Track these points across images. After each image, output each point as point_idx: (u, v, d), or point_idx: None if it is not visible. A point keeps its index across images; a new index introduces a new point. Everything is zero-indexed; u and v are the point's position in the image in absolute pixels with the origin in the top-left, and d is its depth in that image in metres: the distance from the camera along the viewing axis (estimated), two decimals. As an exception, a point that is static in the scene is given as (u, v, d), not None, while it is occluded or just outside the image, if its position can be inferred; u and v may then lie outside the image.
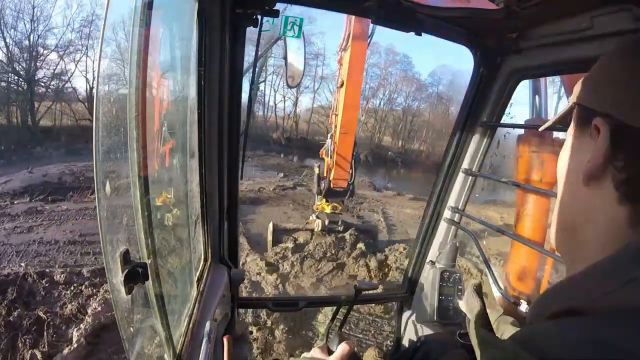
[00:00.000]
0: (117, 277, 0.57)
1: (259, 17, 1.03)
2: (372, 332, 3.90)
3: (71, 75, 21.70)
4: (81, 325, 3.34)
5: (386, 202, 11.21)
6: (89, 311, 3.54)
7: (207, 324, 0.89)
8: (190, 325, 0.96)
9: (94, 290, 3.95)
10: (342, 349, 0.82)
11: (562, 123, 0.52)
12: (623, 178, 0.36)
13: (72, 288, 3.93)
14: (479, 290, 0.62)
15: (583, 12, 0.87)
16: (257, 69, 1.35)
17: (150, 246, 0.67)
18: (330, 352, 0.86)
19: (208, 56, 1.01)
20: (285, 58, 1.46)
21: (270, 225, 6.45)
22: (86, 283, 4.02)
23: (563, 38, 0.98)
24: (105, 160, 0.57)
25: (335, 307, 1.58)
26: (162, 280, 0.74)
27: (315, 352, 0.86)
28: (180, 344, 0.89)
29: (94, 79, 21.64)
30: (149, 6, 0.57)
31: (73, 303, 3.70)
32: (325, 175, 6.22)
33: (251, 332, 3.77)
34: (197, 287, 1.12)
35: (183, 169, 1.05)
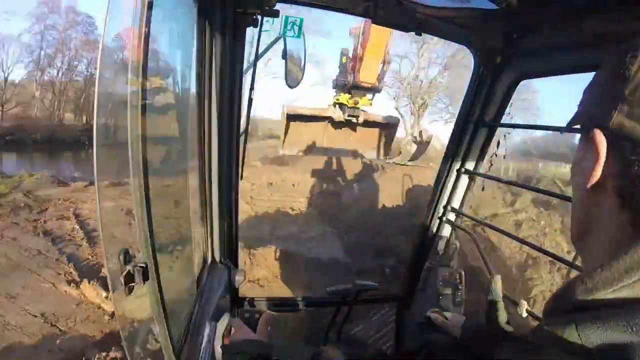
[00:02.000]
0: (117, 277, 0.57)
1: (259, 17, 1.03)
2: (372, 331, 3.89)
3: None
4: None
5: (77, 198, 7.82)
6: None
7: (207, 324, 0.89)
8: (190, 325, 0.96)
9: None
10: (264, 317, 0.95)
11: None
12: (620, 185, 0.39)
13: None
14: (499, 284, 0.64)
15: (583, 13, 0.87)
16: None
17: (150, 246, 0.67)
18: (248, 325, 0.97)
19: (208, 56, 1.01)
20: (285, 58, 1.46)
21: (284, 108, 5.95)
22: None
23: (563, 38, 0.98)
24: (105, 160, 0.57)
25: (335, 307, 1.58)
26: (162, 280, 0.74)
27: (238, 331, 0.95)
28: (180, 344, 0.89)
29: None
30: (149, 6, 0.57)
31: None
32: (351, 66, 5.57)
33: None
34: (197, 287, 1.12)
35: (183, 169, 1.05)
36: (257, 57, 1.31)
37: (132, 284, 0.59)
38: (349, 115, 5.81)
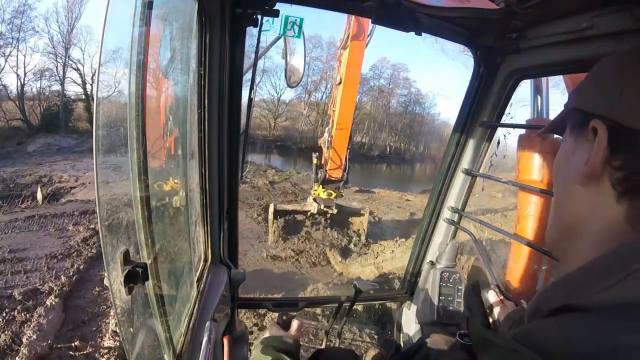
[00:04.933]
0: (117, 277, 0.57)
1: (259, 17, 1.03)
2: (372, 332, 3.90)
3: (0, 71, 20.11)
4: (17, 358, 3.03)
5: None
6: (24, 340, 3.18)
7: (207, 324, 0.89)
8: (190, 326, 0.96)
9: (28, 315, 3.58)
10: (297, 324, 1.00)
11: (558, 127, 0.53)
12: (620, 176, 0.38)
13: (3, 314, 3.56)
14: (476, 289, 0.63)
15: (583, 12, 0.87)
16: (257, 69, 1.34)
17: (150, 246, 0.67)
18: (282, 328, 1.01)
19: (208, 56, 1.01)
20: (285, 57, 1.46)
21: (271, 206, 7.10)
22: (19, 307, 3.66)
23: (563, 38, 0.98)
24: (105, 160, 0.57)
25: (335, 307, 1.58)
26: (162, 280, 0.74)
27: (273, 329, 1.00)
28: (180, 344, 0.89)
29: (25, 74, 20.65)
30: (149, 6, 0.57)
31: (6, 332, 3.31)
32: (322, 164, 6.88)
33: (251, 332, 3.78)
34: (197, 287, 1.12)
35: (183, 169, 1.05)
36: (257, 57, 1.31)
37: (132, 284, 0.58)
38: (324, 207, 6.90)
